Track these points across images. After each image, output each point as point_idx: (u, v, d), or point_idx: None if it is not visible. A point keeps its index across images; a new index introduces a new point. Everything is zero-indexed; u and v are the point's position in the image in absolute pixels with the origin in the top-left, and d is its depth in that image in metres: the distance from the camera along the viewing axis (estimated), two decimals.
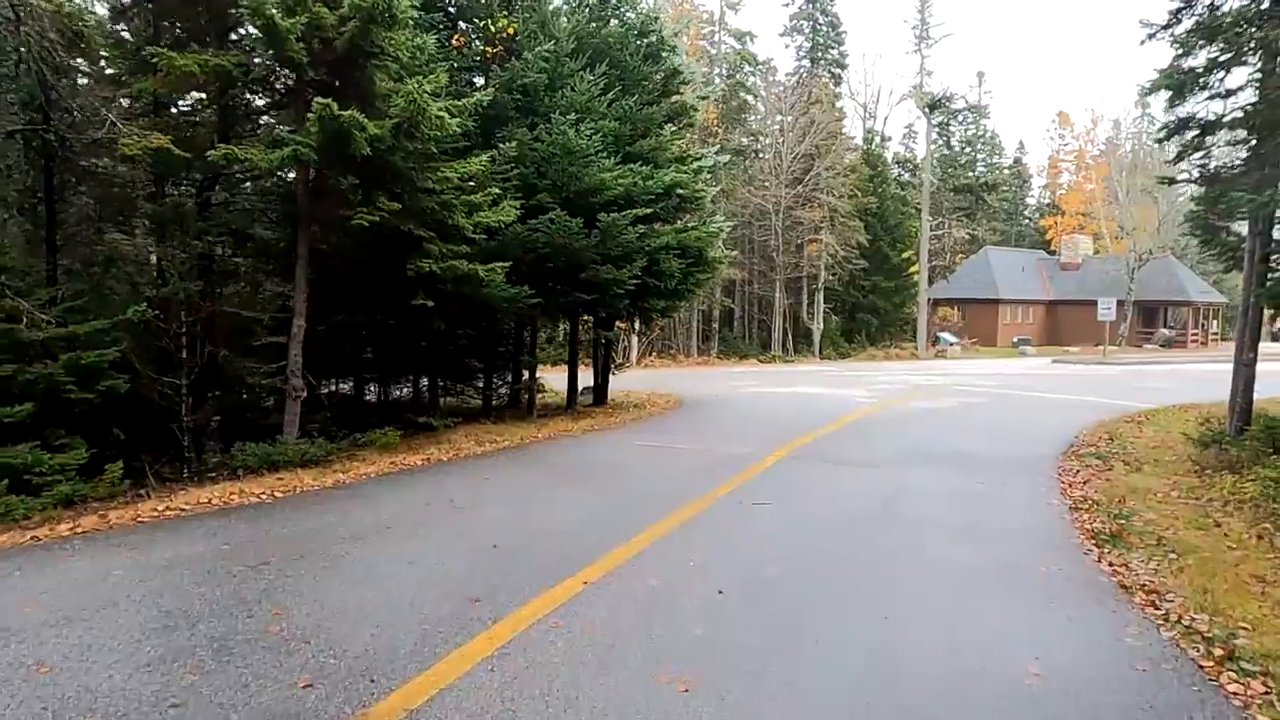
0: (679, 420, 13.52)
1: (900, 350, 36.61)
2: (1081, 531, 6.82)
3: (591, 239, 11.65)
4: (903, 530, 6.43)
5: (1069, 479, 9.10)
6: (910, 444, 10.91)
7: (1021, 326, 47.19)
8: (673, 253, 13.08)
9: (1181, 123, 11.70)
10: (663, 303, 14.20)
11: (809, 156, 33.37)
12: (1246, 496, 8.04)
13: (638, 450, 10.13)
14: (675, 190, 13.39)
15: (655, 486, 7.83)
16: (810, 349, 34.92)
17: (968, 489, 8.15)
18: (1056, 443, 11.55)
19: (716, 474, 8.44)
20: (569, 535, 5.98)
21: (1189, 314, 46.42)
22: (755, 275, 36.74)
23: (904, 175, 45.23)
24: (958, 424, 13.18)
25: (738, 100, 34.12)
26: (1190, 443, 11.52)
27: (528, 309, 11.55)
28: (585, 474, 8.47)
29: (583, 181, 11.66)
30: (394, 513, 6.60)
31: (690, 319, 34.41)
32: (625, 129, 13.00)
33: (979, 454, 10.27)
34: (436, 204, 9.24)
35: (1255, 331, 10.64)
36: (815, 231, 33.65)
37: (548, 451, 10.02)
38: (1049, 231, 56.71)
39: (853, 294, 37.24)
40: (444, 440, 10.83)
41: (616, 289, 12.24)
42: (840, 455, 9.89)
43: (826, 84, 37.58)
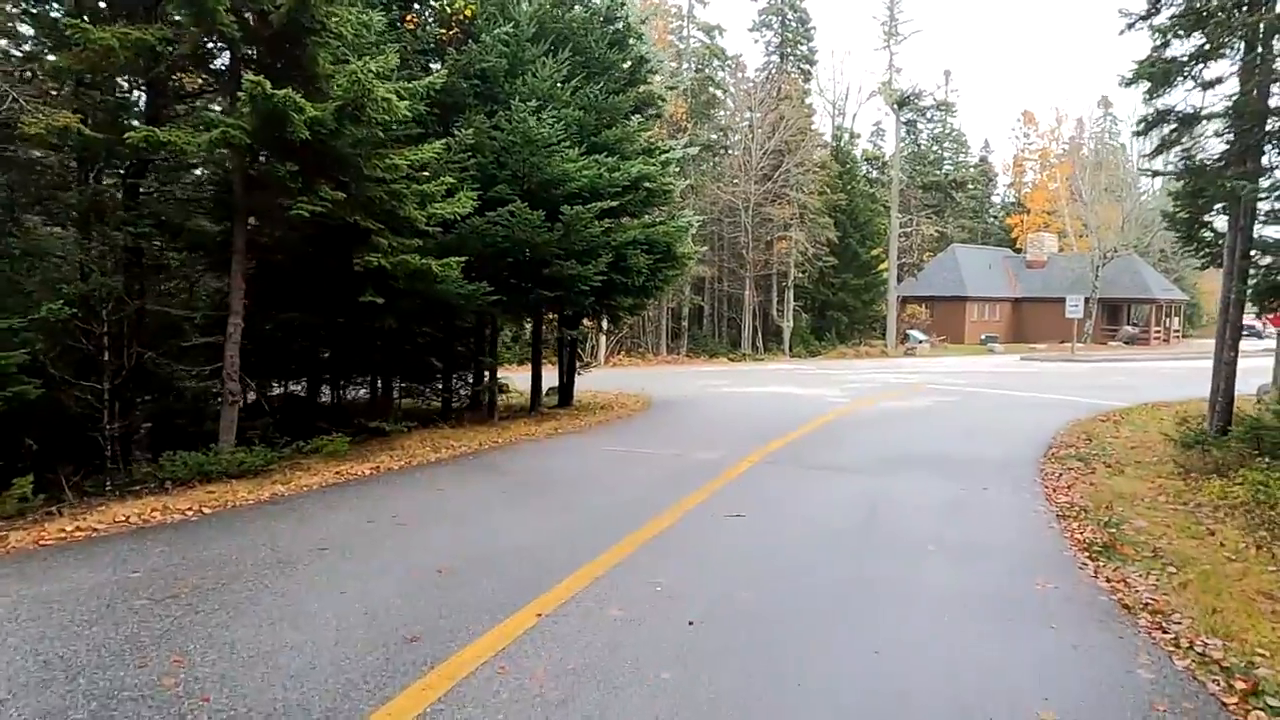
0: (647, 422, 12.99)
1: (870, 348, 36.47)
2: (1073, 543, 6.42)
3: (554, 233, 11.07)
4: (886, 546, 5.97)
5: (1052, 483, 8.74)
6: (887, 446, 10.50)
7: (988, 324, 47.44)
8: (640, 248, 12.54)
9: (1160, 115, 11.42)
10: (630, 300, 13.66)
11: (778, 152, 33.03)
12: (1237, 501, 7.72)
13: (603, 456, 9.59)
14: (642, 183, 12.86)
15: (621, 498, 7.29)
16: (780, 347, 34.63)
17: (950, 496, 7.72)
18: (1035, 444, 11.23)
19: (686, 482, 7.92)
20: (524, 557, 5.41)
21: (1151, 311, 47.00)
22: (725, 273, 36.36)
23: (873, 173, 45.17)
24: (933, 424, 12.82)
25: (706, 95, 33.67)
26: (1170, 443, 11.27)
27: (487, 307, 10.94)
28: (545, 484, 7.89)
29: (545, 172, 11.07)
30: (331, 532, 5.98)
31: (660, 317, 33.92)
32: (590, 118, 12.44)
33: (958, 456, 9.88)
34: (385, 194, 8.60)
35: (1236, 329, 10.39)
36: (785, 228, 33.34)
37: (507, 459, 9.43)
38: (1014, 230, 57.17)
39: (823, 291, 37.02)
40: (397, 446, 10.19)
41: (581, 286, 11.68)
42: (816, 460, 9.43)
43: (796, 80, 37.30)
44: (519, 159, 10.91)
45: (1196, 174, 10.00)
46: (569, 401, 14.93)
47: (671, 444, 10.52)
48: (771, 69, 39.15)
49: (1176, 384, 21.09)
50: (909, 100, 37.99)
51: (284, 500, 7.11)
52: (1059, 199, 52.03)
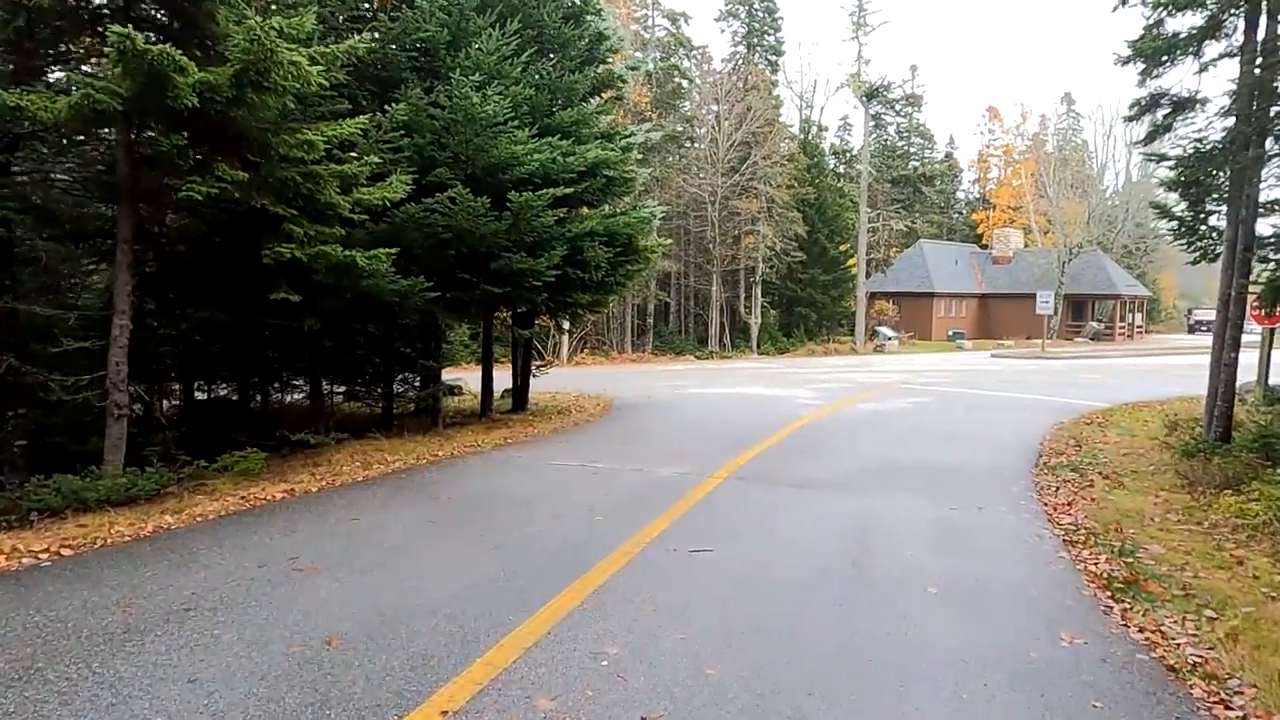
0: (606, 430, 11.98)
1: (839, 345, 35.84)
2: (1088, 577, 5.55)
3: (502, 222, 9.99)
4: (881, 592, 5.02)
5: (1049, 498, 7.92)
6: (867, 456, 9.62)
7: (955, 320, 47.21)
8: (598, 240, 11.51)
9: (1154, 98, 10.68)
10: (588, 296, 12.63)
11: (746, 145, 32.18)
12: (1257, 521, 6.94)
13: (554, 474, 8.55)
14: (601, 169, 11.82)
15: (569, 529, 6.27)
16: (748, 344, 33.82)
17: (943, 518, 6.84)
18: (1022, 451, 10.44)
19: (646, 506, 6.93)
20: (441, 618, 4.37)
21: (1115, 307, 47.14)
22: (692, 268, 35.45)
23: (840, 167, 44.60)
24: (913, 430, 11.99)
25: (672, 84, 32.69)
26: (1164, 449, 10.56)
27: (426, 305, 9.84)
28: (483, 512, 6.84)
29: (491, 155, 9.99)
30: (208, 583, 4.88)
31: (624, 314, 32.91)
32: (543, 98, 11.37)
33: (944, 467, 9.03)
34: (299, 175, 7.47)
35: (1237, 327, 9.67)
36: (752, 222, 32.51)
37: (445, 477, 8.35)
38: (980, 225, 57.13)
39: (791, 287, 36.30)
40: (323, 461, 9.06)
41: (532, 281, 10.63)
42: (792, 474, 8.50)
43: (763, 71, 36.47)
44: (461, 140, 9.81)
45: (1202, 160, 9.22)
46: (523, 405, 13.86)
47: (632, 456, 9.53)
48: (738, 59, 38.29)
49: (1151, 382, 20.64)
50: (878, 92, 37.38)
51: (167, 536, 5.97)
52: (1024, 195, 52.02)
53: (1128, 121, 10.88)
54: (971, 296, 48.62)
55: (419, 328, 12.58)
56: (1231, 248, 9.88)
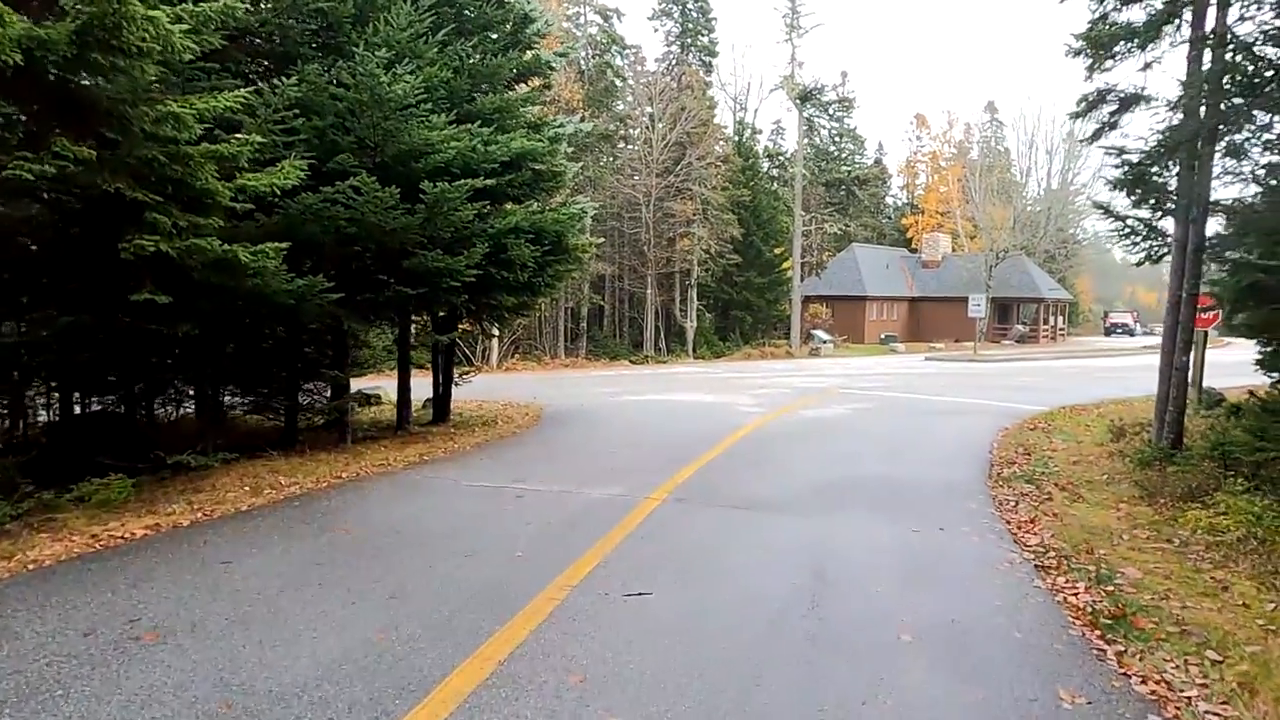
0: (534, 443, 11.06)
1: (775, 348, 35.58)
2: (1071, 612, 4.94)
3: (415, 216, 9.00)
4: (848, 644, 4.28)
5: (1010, 514, 7.37)
6: (816, 470, 8.96)
7: (887, 323, 47.70)
8: (524, 237, 10.60)
9: (1101, 94, 10.36)
10: (514, 298, 11.70)
11: (680, 145, 31.62)
12: (1230, 539, 6.49)
13: (471, 498, 7.60)
14: (527, 161, 10.92)
15: (482, 571, 5.36)
16: (684, 348, 33.24)
17: (905, 544, 6.17)
18: (973, 460, 9.97)
19: (575, 537, 6.07)
20: (302, 707, 3.43)
21: (1039, 310, 48.38)
22: (626, 270, 34.71)
23: (774, 170, 44.56)
24: (859, 438, 11.42)
25: (605, 82, 31.91)
26: (1116, 458, 10.23)
27: (329, 307, 8.76)
28: (382, 548, 5.86)
29: (401, 141, 8.99)
30: (7, 662, 3.82)
31: (557, 317, 31.94)
32: (462, 81, 10.41)
33: (898, 481, 8.43)
34: (164, 155, 6.36)
35: (1188, 330, 9.38)
36: (687, 224, 31.95)
37: (345, 504, 7.31)
38: (910, 230, 58.07)
39: (726, 290, 35.90)
40: (207, 486, 7.91)
41: (451, 281, 9.66)
42: (738, 493, 7.75)
43: (697, 71, 36.02)
44: (368, 123, 8.79)
45: (1153, 156, 8.86)
46: (445, 417, 12.82)
47: (561, 474, 8.64)
48: (672, 59, 37.76)
49: (1082, 385, 20.78)
50: (811, 95, 37.34)
51: None
52: (951, 200, 53.03)
53: (1073, 118, 10.54)
54: (902, 300, 49.24)
55: (330, 332, 11.44)
56: (1181, 249, 9.59)
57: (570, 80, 31.09)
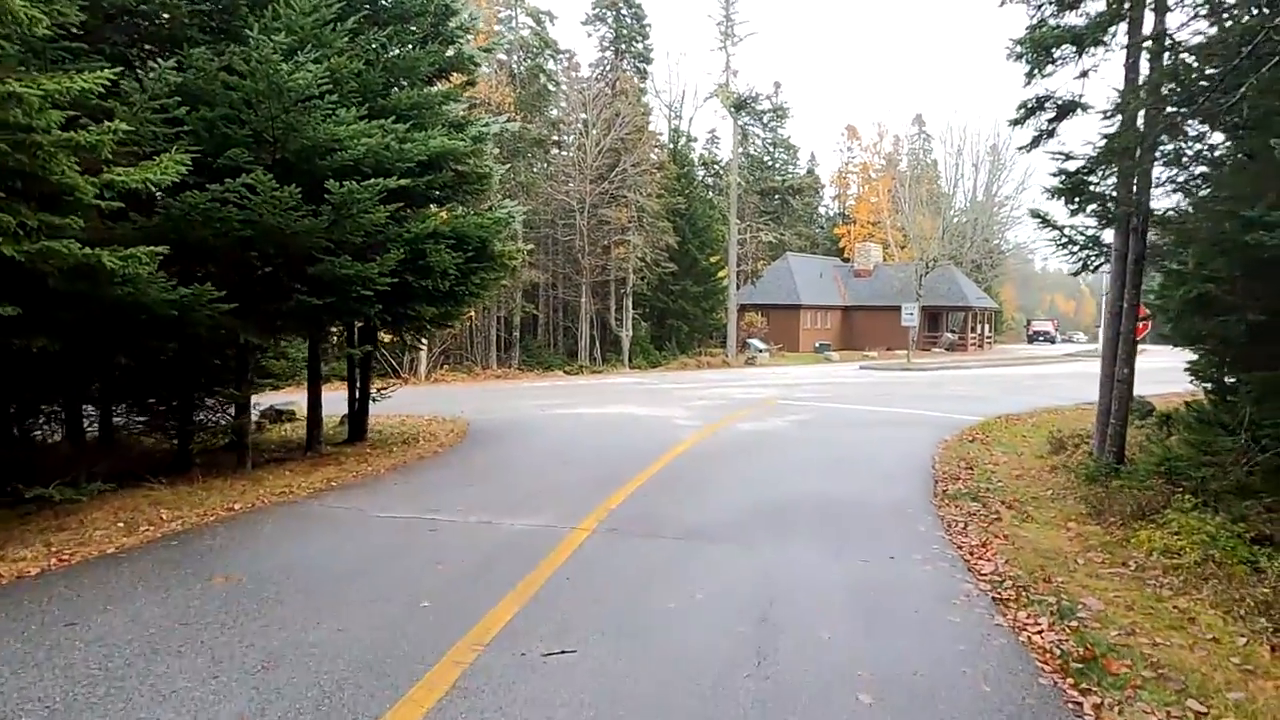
0: (457, 464, 10.28)
1: (711, 357, 35.31)
2: (1038, 654, 4.51)
3: (321, 218, 8.18)
4: (800, 706, 3.72)
5: (960, 538, 6.98)
6: (757, 490, 8.45)
7: (821, 332, 48.09)
8: (445, 243, 9.84)
9: (1040, 101, 10.20)
10: (435, 308, 10.89)
11: (615, 151, 31.11)
12: (1187, 563, 6.20)
13: (380, 532, 6.82)
14: (448, 161, 10.19)
15: (379, 628, 4.62)
16: (620, 358, 32.66)
17: (856, 579, 5.68)
18: (917, 476, 9.63)
19: (492, 579, 5.38)
20: None
21: (967, 318, 49.48)
22: (560, 279, 33.97)
23: (710, 179, 44.49)
24: (799, 453, 11.00)
25: (537, 85, 31.19)
26: (1058, 472, 10.03)
27: (221, 319, 7.86)
28: (263, 603, 5.05)
29: (305, 136, 8.15)
30: None
31: (488, 327, 30.98)
32: (375, 75, 9.61)
33: (841, 502, 7.98)
34: (7, 144, 5.45)
35: (1130, 341, 9.22)
36: (622, 232, 31.44)
37: (233, 542, 6.45)
38: (842, 240, 58.85)
39: (662, 299, 35.49)
40: (73, 523, 6.93)
41: (362, 289, 8.85)
42: (675, 519, 7.17)
43: (631, 78, 35.60)
44: (265, 116, 7.93)
45: (1097, 161, 8.67)
46: (362, 435, 11.91)
47: (483, 501, 7.92)
48: (606, 65, 37.28)
49: (1014, 393, 20.97)
50: (746, 104, 37.33)
51: None
52: (882, 211, 53.94)
53: (1013, 125, 10.34)
54: (836, 308, 49.75)
55: (231, 345, 10.43)
56: (1121, 258, 9.45)
57: (501, 83, 30.29)
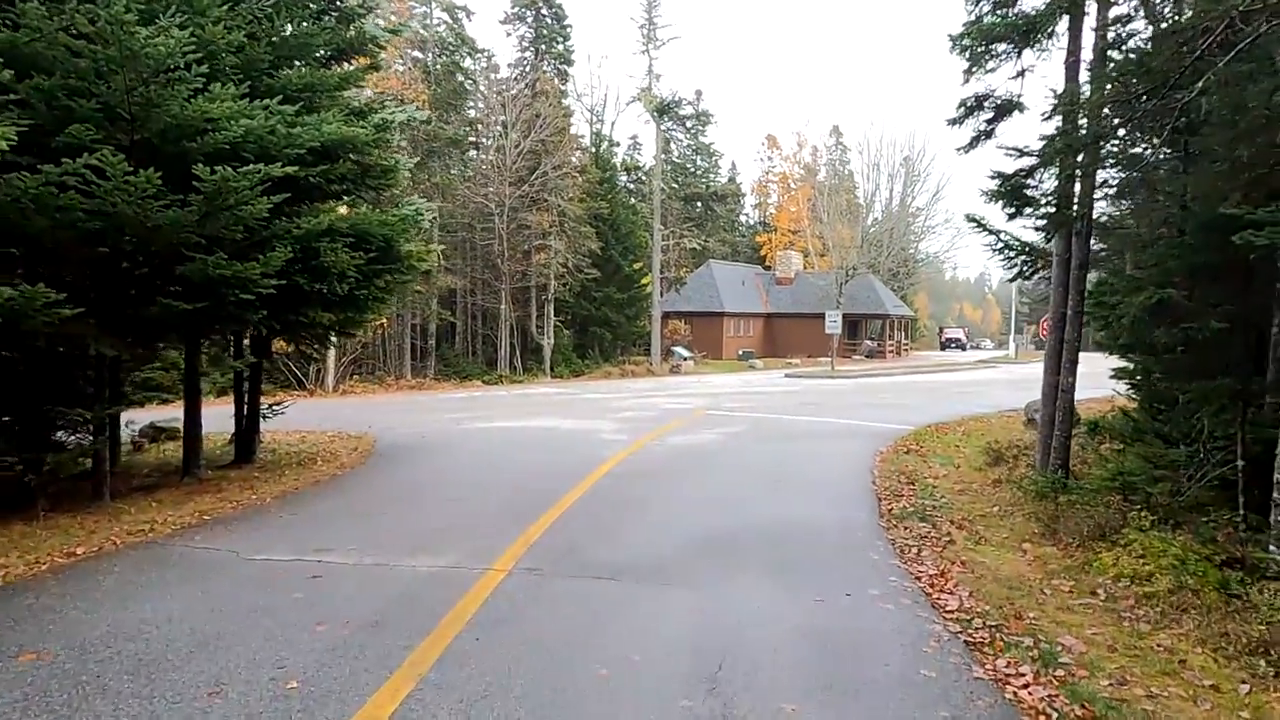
0: (357, 488, 9.17)
1: (635, 366, 34.61)
2: (1031, 715, 3.86)
3: (190, 209, 7.03)
4: None
5: (916, 566, 6.38)
6: (695, 515, 7.68)
7: (744, 339, 48.07)
8: (343, 241, 8.76)
9: (979, 100, 9.83)
10: (333, 315, 9.75)
11: (535, 153, 30.10)
12: (1158, 590, 5.73)
13: (247, 585, 5.69)
14: (346, 151, 9.10)
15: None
16: (541, 367, 31.60)
17: (813, 625, 4.95)
18: (860, 494, 9.06)
19: (381, 646, 4.41)
20: None
21: (884, 326, 50.33)
22: (479, 285, 32.67)
23: (632, 184, 43.91)
24: (737, 471, 10.31)
25: (453, 83, 29.94)
26: (1001, 486, 9.63)
27: (65, 326, 6.62)
28: (78, 689, 3.92)
29: (169, 112, 6.99)
30: None
31: (403, 334, 29.46)
32: (260, 51, 8.48)
33: (787, 527, 7.30)
34: None
35: (1074, 350, 8.87)
36: (544, 237, 30.43)
37: (55, 602, 5.24)
38: (764, 248, 59.19)
39: (585, 306, 34.60)
40: None
41: (242, 293, 7.69)
42: (605, 554, 6.31)
43: (551, 79, 34.67)
44: (119, 88, 6.73)
45: (1044, 160, 8.27)
46: (249, 456, 10.62)
47: (381, 536, 6.89)
48: (526, 65, 36.23)
49: (939, 401, 20.95)
50: (669, 108, 36.86)
51: None
52: (801, 219, 54.47)
53: (951, 124, 9.95)
54: (758, 316, 49.83)
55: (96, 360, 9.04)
56: (1064, 264, 9.13)
57: (416, 80, 28.93)
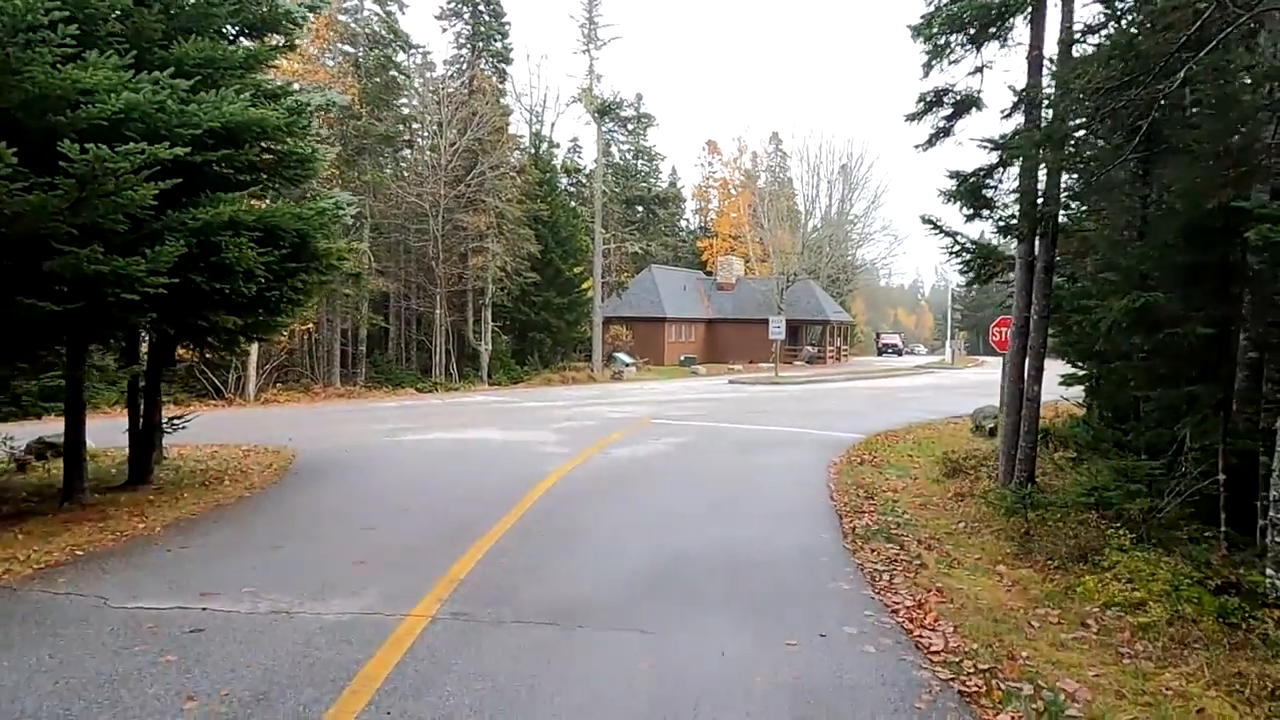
0: (264, 513, 8.17)
1: (576, 372, 33.76)
2: None
3: (59, 194, 6.01)
4: None
5: (889, 595, 5.80)
6: (645, 541, 6.97)
7: (686, 345, 47.68)
8: (248, 236, 7.78)
9: (939, 94, 9.41)
10: (239, 318, 8.70)
11: (472, 152, 29.09)
12: (1155, 621, 5.25)
13: (105, 647, 4.68)
14: (253, 136, 8.13)
15: None
16: (478, 374, 30.52)
17: (788, 675, 4.28)
18: (819, 510, 8.50)
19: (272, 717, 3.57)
20: None
21: (824, 331, 50.59)
22: (413, 288, 31.43)
23: (572, 186, 43.11)
24: (688, 488, 9.64)
25: (385, 78, 28.71)
26: (961, 500, 9.18)
27: None
28: None
29: (30, 79, 5.96)
30: None
31: (332, 340, 28.06)
32: (151, 18, 7.47)
33: (747, 553, 6.65)
34: None
35: (1040, 357, 8.48)
36: (481, 239, 29.40)
37: None
38: (705, 253, 59.02)
39: (524, 311, 33.63)
40: None
41: (124, 292, 6.68)
42: (545, 591, 5.54)
43: (489, 76, 33.67)
44: None
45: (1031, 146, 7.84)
46: (145, 476, 9.48)
47: (285, 573, 5.98)
48: (463, 63, 35.13)
49: (884, 408, 20.75)
50: (610, 109, 36.19)
51: None
52: (742, 225, 54.46)
53: (909, 119, 9.52)
54: (700, 321, 49.52)
55: None
56: (1027, 266, 8.74)
57: (345, 73, 27.62)
